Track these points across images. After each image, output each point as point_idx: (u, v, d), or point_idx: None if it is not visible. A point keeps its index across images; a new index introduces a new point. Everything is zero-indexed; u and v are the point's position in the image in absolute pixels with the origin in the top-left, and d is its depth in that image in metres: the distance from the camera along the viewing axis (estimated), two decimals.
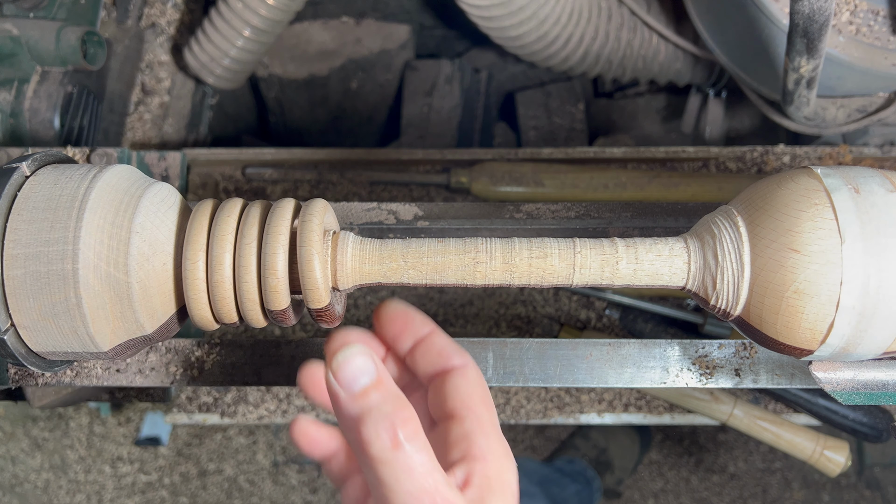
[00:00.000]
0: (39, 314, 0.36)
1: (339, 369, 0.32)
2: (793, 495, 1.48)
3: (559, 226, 0.51)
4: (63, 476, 1.56)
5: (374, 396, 0.32)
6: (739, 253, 0.35)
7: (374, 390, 0.32)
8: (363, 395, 0.32)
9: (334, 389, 0.33)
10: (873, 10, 0.69)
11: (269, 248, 0.36)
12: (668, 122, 1.12)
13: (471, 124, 1.11)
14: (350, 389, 0.32)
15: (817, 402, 0.80)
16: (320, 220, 0.37)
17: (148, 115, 0.92)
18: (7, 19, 0.73)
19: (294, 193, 0.83)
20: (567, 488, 1.20)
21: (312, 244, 0.36)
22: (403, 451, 0.31)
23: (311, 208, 0.38)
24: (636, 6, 0.91)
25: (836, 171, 0.35)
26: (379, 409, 0.32)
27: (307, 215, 0.37)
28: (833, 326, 0.33)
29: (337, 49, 1.10)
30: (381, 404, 0.32)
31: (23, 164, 0.38)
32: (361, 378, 0.32)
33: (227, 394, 0.87)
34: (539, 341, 0.51)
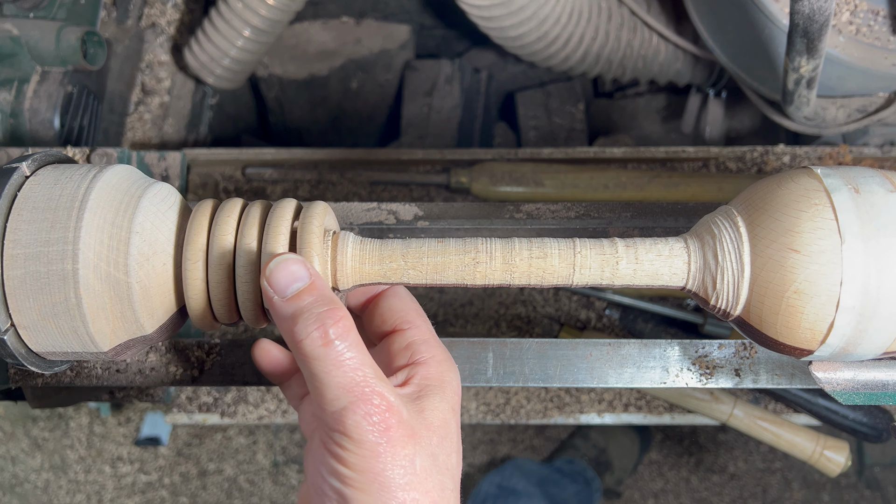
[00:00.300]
0: (39, 314, 0.36)
1: (272, 274, 0.34)
2: (793, 495, 1.48)
3: (559, 226, 0.51)
4: (63, 476, 1.56)
5: (307, 298, 0.34)
6: (739, 253, 0.35)
7: (306, 293, 0.34)
8: (296, 297, 0.34)
9: (268, 293, 0.34)
10: (873, 10, 0.69)
11: (269, 248, 0.36)
12: (668, 122, 1.12)
13: (471, 124, 1.11)
14: (283, 293, 0.34)
15: (817, 402, 0.80)
16: (320, 222, 0.37)
17: (148, 115, 0.92)
18: (7, 19, 0.73)
19: (294, 193, 0.83)
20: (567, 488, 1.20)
21: (312, 246, 0.36)
22: (333, 348, 0.33)
23: (311, 210, 0.38)
24: (636, 6, 0.91)
25: (836, 172, 0.35)
26: (311, 310, 0.34)
27: (307, 217, 0.37)
28: (833, 326, 0.33)
29: (337, 49, 1.10)
30: (314, 306, 0.34)
31: (23, 164, 0.38)
32: (294, 283, 0.34)
33: (227, 394, 0.87)
34: (539, 341, 0.51)
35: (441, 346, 0.40)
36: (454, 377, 0.39)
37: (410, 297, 0.42)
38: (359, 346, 0.34)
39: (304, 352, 0.33)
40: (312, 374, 0.33)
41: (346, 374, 0.33)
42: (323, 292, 0.34)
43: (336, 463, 0.33)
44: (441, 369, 0.38)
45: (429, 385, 0.37)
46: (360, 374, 0.33)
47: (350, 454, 0.33)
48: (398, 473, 0.33)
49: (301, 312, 0.33)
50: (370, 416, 0.33)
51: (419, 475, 0.34)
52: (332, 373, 0.33)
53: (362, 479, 0.33)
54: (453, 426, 0.37)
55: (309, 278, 0.34)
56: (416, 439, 0.34)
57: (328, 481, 0.34)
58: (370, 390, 0.33)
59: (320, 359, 0.33)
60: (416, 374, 0.38)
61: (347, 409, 0.33)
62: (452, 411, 0.37)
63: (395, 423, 0.33)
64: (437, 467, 0.35)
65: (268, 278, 0.34)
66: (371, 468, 0.33)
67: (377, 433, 0.33)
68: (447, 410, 0.37)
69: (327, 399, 0.33)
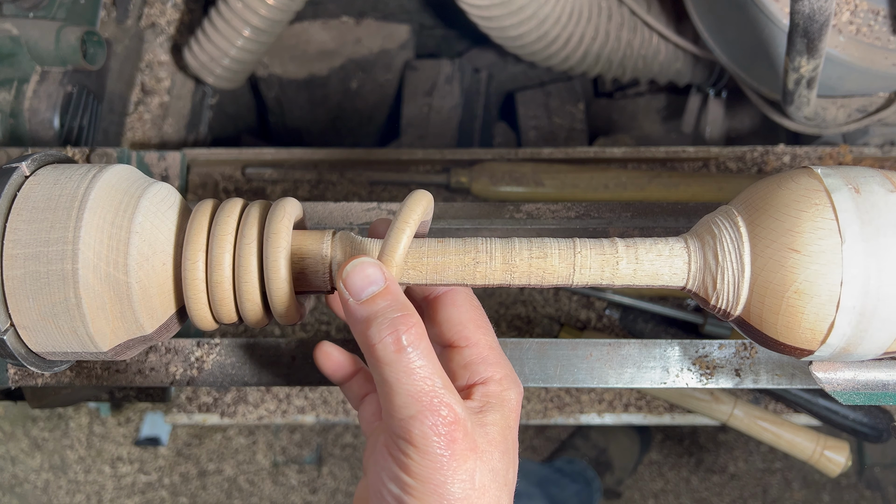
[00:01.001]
0: (39, 314, 0.36)
1: (348, 276, 0.35)
2: (793, 495, 1.48)
3: (559, 226, 0.51)
4: (63, 476, 1.56)
5: (381, 303, 0.34)
6: (740, 253, 0.35)
7: (381, 298, 0.34)
8: (371, 301, 0.34)
9: (344, 296, 0.35)
10: (873, 9, 0.69)
11: (270, 248, 0.36)
12: (668, 122, 1.12)
13: (471, 124, 1.11)
14: (358, 296, 0.34)
15: (817, 402, 0.80)
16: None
17: (148, 115, 0.92)
18: (7, 19, 0.73)
19: (294, 193, 0.83)
20: (567, 488, 1.20)
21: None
22: (406, 355, 0.33)
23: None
24: (636, 6, 0.91)
25: (837, 171, 0.35)
26: (385, 314, 0.34)
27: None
28: (833, 326, 0.33)
29: (337, 49, 1.10)
30: (388, 311, 0.34)
31: (22, 164, 0.38)
32: (370, 286, 0.34)
33: (226, 394, 0.87)
34: (539, 341, 0.51)
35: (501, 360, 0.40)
36: (514, 393, 0.39)
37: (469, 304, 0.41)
38: (430, 355, 0.34)
39: (376, 356, 0.33)
40: (383, 380, 0.34)
41: (415, 382, 0.33)
42: (397, 297, 0.35)
43: (398, 470, 0.34)
44: (501, 388, 0.38)
45: (489, 402, 0.37)
46: (429, 384, 0.33)
47: (413, 463, 0.33)
48: (458, 487, 0.33)
49: (375, 317, 0.34)
50: (437, 427, 0.33)
51: (478, 490, 0.34)
52: (402, 380, 0.33)
53: (422, 488, 0.33)
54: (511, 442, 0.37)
55: (384, 282, 0.35)
56: (479, 454, 0.34)
57: (388, 486, 0.34)
58: (438, 401, 0.33)
59: (392, 364, 0.33)
60: (476, 391, 0.38)
61: (415, 417, 0.33)
62: (510, 427, 0.37)
63: (461, 437, 0.33)
64: (496, 483, 0.35)
65: (344, 280, 0.34)
66: (432, 479, 0.33)
67: (442, 445, 0.33)
68: (506, 427, 0.37)
69: (396, 405, 0.33)
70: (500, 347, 0.41)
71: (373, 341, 0.33)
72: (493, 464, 0.35)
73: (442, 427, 0.33)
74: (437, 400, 0.33)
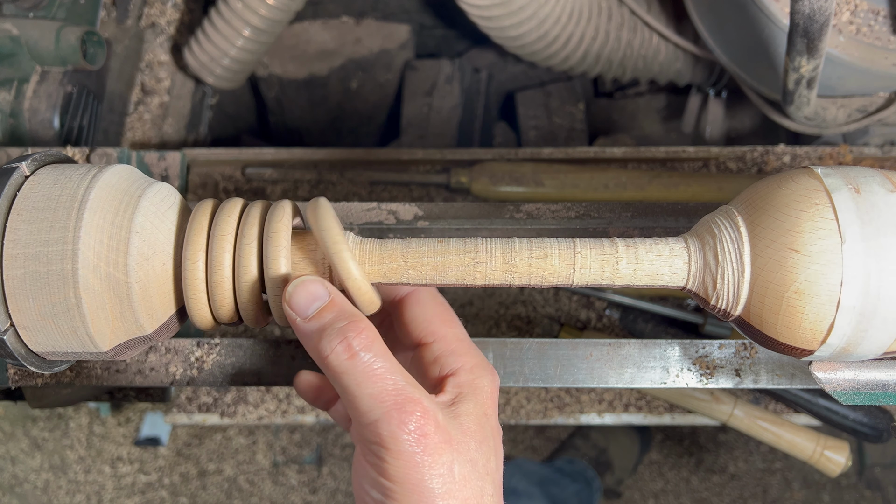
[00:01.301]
0: (39, 314, 0.36)
1: (291, 297, 0.35)
2: (793, 495, 1.48)
3: (559, 226, 0.51)
4: (63, 476, 1.56)
5: (327, 316, 0.34)
6: (740, 253, 0.35)
7: (326, 311, 0.34)
8: (317, 316, 0.34)
9: (291, 316, 0.35)
10: (874, 9, 0.69)
11: (270, 249, 0.36)
12: (668, 122, 1.12)
13: (471, 124, 1.11)
14: (304, 313, 0.35)
15: (818, 402, 0.80)
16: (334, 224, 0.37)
17: (148, 115, 0.92)
18: (7, 19, 0.73)
19: (294, 193, 0.83)
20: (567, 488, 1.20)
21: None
22: (360, 360, 0.33)
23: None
24: (636, 6, 0.91)
25: (837, 171, 0.35)
26: (332, 326, 0.34)
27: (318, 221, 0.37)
28: (833, 326, 0.33)
29: (337, 49, 1.10)
30: (335, 321, 0.34)
31: (22, 164, 0.38)
32: (314, 302, 0.35)
33: (226, 394, 0.87)
34: (539, 341, 0.51)
35: (470, 350, 0.40)
36: (487, 381, 0.39)
37: (434, 301, 0.42)
38: (385, 356, 0.34)
39: (331, 367, 0.33)
40: (343, 389, 0.33)
41: (375, 384, 0.33)
42: (343, 307, 0.35)
43: (376, 475, 0.33)
44: (472, 376, 0.38)
45: (461, 392, 0.37)
46: (390, 383, 0.33)
47: (388, 465, 0.33)
48: (437, 483, 0.33)
49: (323, 329, 0.34)
50: (405, 425, 0.33)
51: (458, 482, 0.34)
52: (362, 384, 0.33)
53: (402, 490, 0.33)
54: (489, 430, 0.37)
55: (328, 296, 0.35)
56: (454, 445, 0.34)
57: (371, 494, 0.34)
58: (403, 398, 0.33)
59: (348, 372, 0.33)
60: (448, 383, 0.38)
61: (381, 420, 0.33)
62: (486, 415, 0.37)
63: (432, 430, 0.33)
64: (476, 473, 0.35)
65: (288, 301, 0.35)
66: (410, 478, 0.33)
67: (413, 442, 0.33)
68: (481, 415, 0.37)
69: (361, 411, 0.33)
70: (469, 339, 0.41)
71: (325, 353, 0.33)
72: (471, 454, 0.35)
73: (410, 423, 0.33)
74: (402, 397, 0.33)
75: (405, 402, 0.33)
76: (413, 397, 0.33)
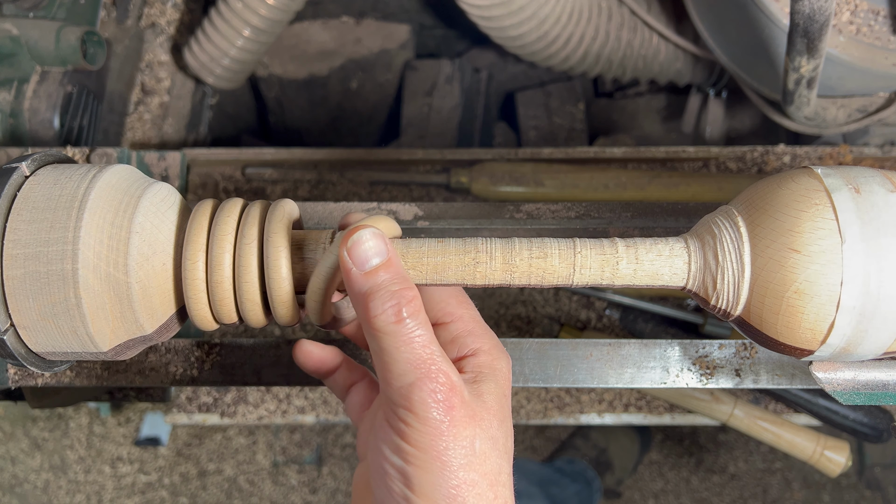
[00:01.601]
0: (39, 314, 0.36)
1: (353, 247, 0.35)
2: (793, 495, 1.48)
3: (559, 226, 0.51)
4: (63, 476, 1.56)
5: (383, 275, 0.35)
6: (740, 253, 0.35)
7: (383, 270, 0.35)
8: (373, 273, 0.35)
9: (347, 266, 0.35)
10: (874, 9, 0.69)
11: (270, 248, 0.36)
12: (668, 122, 1.12)
13: (471, 124, 1.11)
14: (362, 266, 0.35)
15: (818, 402, 0.80)
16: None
17: (148, 115, 0.92)
18: (7, 19, 0.73)
19: (294, 193, 0.83)
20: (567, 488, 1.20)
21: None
22: (405, 325, 0.34)
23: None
24: (636, 6, 0.91)
25: (837, 171, 0.35)
26: (387, 287, 0.34)
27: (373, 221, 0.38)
28: (833, 326, 0.33)
29: (337, 49, 1.10)
30: (389, 283, 0.34)
31: (22, 164, 0.38)
32: (373, 258, 0.35)
33: (226, 394, 0.87)
34: (539, 341, 0.51)
35: (488, 333, 0.41)
36: (504, 363, 0.39)
37: None
38: (427, 326, 0.34)
39: (376, 326, 0.34)
40: (382, 349, 0.34)
41: (414, 350, 0.34)
42: (398, 270, 0.35)
43: (399, 439, 0.34)
44: (490, 358, 0.39)
45: (482, 372, 0.38)
46: (427, 352, 0.34)
47: (414, 430, 0.33)
48: (459, 454, 0.34)
49: (378, 288, 0.34)
50: (435, 394, 0.33)
51: (479, 457, 0.34)
52: (401, 349, 0.33)
53: (424, 457, 0.33)
54: (508, 411, 0.38)
55: (387, 254, 0.35)
56: (477, 421, 0.35)
57: (390, 459, 0.35)
58: (436, 368, 0.34)
59: (392, 334, 0.34)
60: (467, 364, 0.39)
61: (414, 384, 0.33)
62: (505, 396, 0.38)
63: (459, 403, 0.34)
64: (496, 450, 0.36)
65: (349, 249, 0.35)
66: (434, 446, 0.33)
67: (441, 411, 0.33)
68: (501, 395, 0.38)
69: (395, 374, 0.34)
70: (483, 321, 0.41)
71: (374, 312, 0.34)
72: (493, 431, 0.36)
73: (440, 393, 0.33)
74: (435, 367, 0.34)
75: (438, 372, 0.34)
76: (445, 370, 0.34)
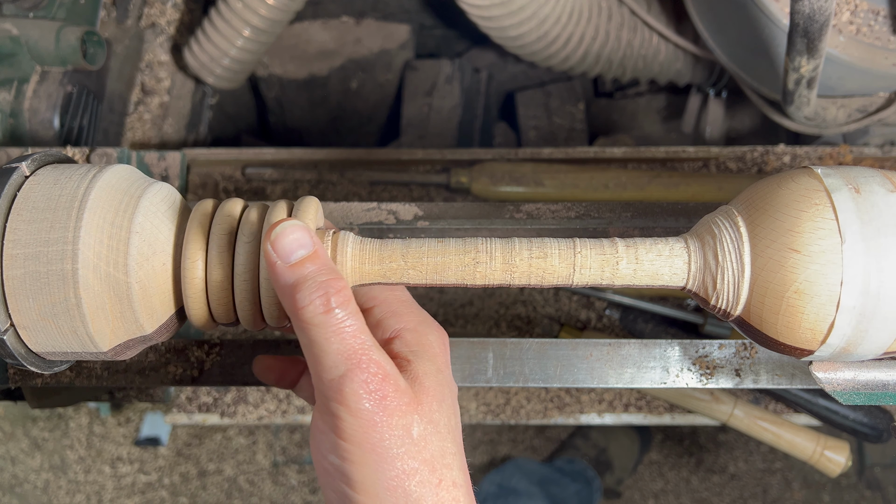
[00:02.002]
0: (39, 314, 0.36)
1: (276, 239, 0.34)
2: (793, 495, 1.48)
3: (559, 226, 0.51)
4: (63, 476, 1.56)
5: (310, 267, 0.34)
6: (740, 253, 0.35)
7: (309, 262, 0.34)
8: (299, 265, 0.34)
9: (271, 258, 0.34)
10: (874, 9, 0.69)
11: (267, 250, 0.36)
12: (668, 122, 1.12)
13: (471, 124, 1.11)
14: (287, 259, 0.34)
15: (817, 402, 0.80)
16: (313, 217, 0.37)
17: (148, 115, 0.92)
18: (7, 19, 0.73)
19: (294, 193, 0.83)
20: (567, 488, 1.20)
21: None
22: (334, 315, 0.33)
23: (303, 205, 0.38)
24: (636, 6, 0.91)
25: (837, 171, 0.35)
26: (314, 278, 0.33)
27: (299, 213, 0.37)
28: (833, 326, 0.33)
29: (337, 49, 1.10)
30: (316, 274, 0.34)
31: (22, 164, 0.38)
32: (298, 250, 0.34)
33: (226, 394, 0.87)
34: (539, 341, 0.51)
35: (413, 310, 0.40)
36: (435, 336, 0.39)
37: None
38: (357, 315, 0.34)
39: (304, 318, 0.33)
40: (311, 341, 0.33)
41: (344, 340, 0.33)
42: (325, 261, 0.35)
43: (334, 436, 0.33)
44: (417, 335, 0.38)
45: (412, 351, 0.37)
46: (358, 342, 0.33)
47: (346, 424, 0.33)
48: (395, 443, 0.33)
49: (304, 280, 0.33)
50: (367, 384, 0.33)
51: (417, 443, 0.34)
52: (331, 339, 0.33)
53: (359, 451, 0.33)
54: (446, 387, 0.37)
55: (312, 246, 0.34)
56: (413, 406, 0.34)
57: (328, 459, 0.34)
58: (367, 358, 0.33)
59: (321, 326, 0.33)
60: (395, 346, 0.38)
61: (345, 376, 0.32)
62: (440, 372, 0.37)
63: (392, 392, 0.33)
64: (437, 433, 0.35)
65: (272, 242, 0.34)
66: (368, 439, 0.33)
67: (373, 402, 0.33)
68: (436, 372, 0.37)
69: (325, 366, 0.33)
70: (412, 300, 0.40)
71: (302, 304, 0.33)
72: (432, 415, 0.35)
73: (372, 384, 0.33)
74: (367, 357, 0.33)
75: (370, 362, 0.33)
76: (377, 359, 0.33)
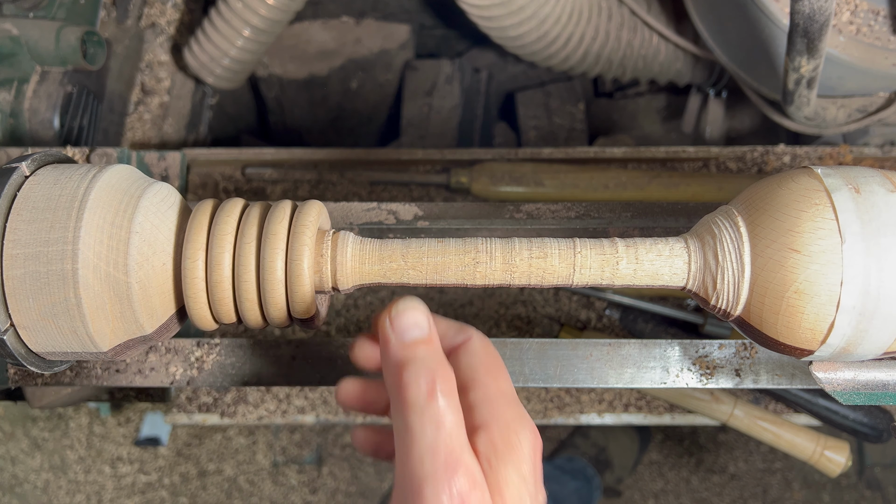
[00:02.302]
0: (39, 314, 0.36)
1: (396, 316, 0.34)
2: (793, 495, 1.48)
3: (559, 226, 0.51)
4: (63, 476, 1.56)
5: (422, 349, 0.34)
6: (740, 253, 0.35)
7: (423, 344, 0.34)
8: (412, 344, 0.34)
9: (387, 334, 0.34)
10: (874, 9, 0.69)
11: (267, 249, 0.36)
12: (668, 122, 1.12)
13: (471, 124, 1.11)
14: (402, 336, 0.34)
15: (817, 402, 0.80)
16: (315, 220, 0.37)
17: (148, 115, 0.92)
18: (7, 19, 0.73)
19: (294, 193, 0.83)
20: (567, 486, 1.20)
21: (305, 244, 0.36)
22: (436, 403, 0.32)
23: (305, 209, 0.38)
24: (636, 6, 0.91)
25: (837, 171, 0.35)
26: (423, 360, 0.33)
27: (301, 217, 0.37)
28: (833, 326, 0.33)
29: (337, 49, 1.10)
30: (428, 358, 0.33)
31: (22, 164, 0.38)
32: (414, 329, 0.34)
33: (226, 394, 0.87)
34: (539, 341, 0.51)
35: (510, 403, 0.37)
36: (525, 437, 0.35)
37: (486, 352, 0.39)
38: (458, 412, 0.32)
39: (405, 398, 0.32)
40: (406, 427, 0.32)
41: (440, 434, 0.31)
42: (438, 349, 0.34)
43: None
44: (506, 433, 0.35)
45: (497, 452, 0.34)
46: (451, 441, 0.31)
47: None
48: None
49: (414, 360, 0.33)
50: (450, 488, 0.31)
51: None
52: (427, 428, 0.31)
53: None
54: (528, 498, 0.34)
55: (428, 331, 0.34)
56: None
57: None
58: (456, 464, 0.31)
59: (420, 411, 0.32)
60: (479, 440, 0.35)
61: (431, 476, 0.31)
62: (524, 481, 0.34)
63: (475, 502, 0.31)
64: None
65: (392, 317, 0.34)
66: None
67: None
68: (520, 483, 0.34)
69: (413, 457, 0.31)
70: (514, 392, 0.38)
71: (407, 382, 0.32)
72: None
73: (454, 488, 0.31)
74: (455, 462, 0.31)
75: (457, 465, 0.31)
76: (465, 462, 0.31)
